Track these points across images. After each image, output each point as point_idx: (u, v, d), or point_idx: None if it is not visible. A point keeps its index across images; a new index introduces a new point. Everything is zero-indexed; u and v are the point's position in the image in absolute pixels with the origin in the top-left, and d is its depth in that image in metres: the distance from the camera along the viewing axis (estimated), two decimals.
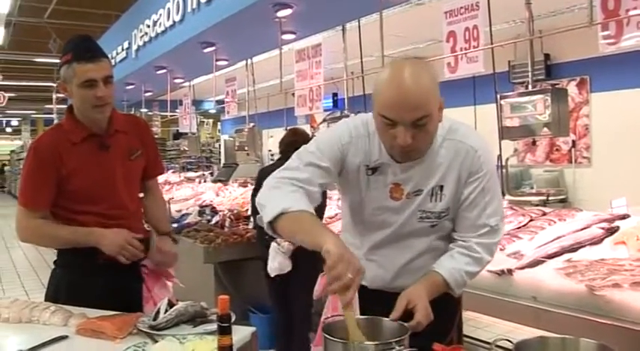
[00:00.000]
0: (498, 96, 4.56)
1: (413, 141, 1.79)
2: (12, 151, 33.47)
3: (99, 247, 2.48)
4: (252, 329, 2.02)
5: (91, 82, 2.45)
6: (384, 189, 1.99)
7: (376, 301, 1.94)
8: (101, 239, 2.48)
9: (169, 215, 5.91)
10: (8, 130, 37.32)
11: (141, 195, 2.84)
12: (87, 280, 2.52)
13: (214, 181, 9.76)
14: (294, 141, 4.72)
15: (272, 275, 4.51)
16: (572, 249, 3.32)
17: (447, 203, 1.97)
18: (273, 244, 4.46)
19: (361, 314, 1.86)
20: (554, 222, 3.86)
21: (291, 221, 1.80)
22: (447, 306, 2.08)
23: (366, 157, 1.99)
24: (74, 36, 2.60)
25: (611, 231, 3.43)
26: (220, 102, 9.94)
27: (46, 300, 2.53)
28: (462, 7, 4.94)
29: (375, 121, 1.87)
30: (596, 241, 3.35)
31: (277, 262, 4.46)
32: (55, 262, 2.66)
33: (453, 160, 1.96)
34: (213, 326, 1.93)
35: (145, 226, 2.89)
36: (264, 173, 4.86)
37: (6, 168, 35.34)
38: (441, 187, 1.96)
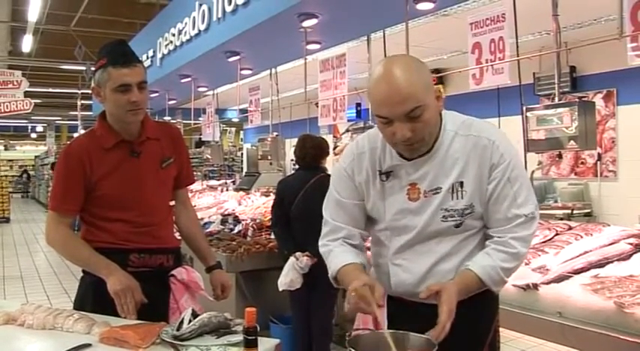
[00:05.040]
0: (524, 108, 4.51)
1: (412, 134, 1.81)
2: (36, 157, 33.86)
3: (106, 280, 2.42)
4: (276, 341, 2.00)
5: (125, 87, 2.46)
6: (400, 192, 1.99)
7: (403, 313, 1.93)
8: (111, 274, 2.43)
9: None
10: (33, 135, 37.74)
11: (172, 203, 2.83)
12: None
13: (236, 190, 9.77)
14: (308, 155, 4.75)
15: (280, 289, 4.50)
16: (600, 264, 3.26)
17: (469, 199, 1.93)
18: (292, 259, 4.46)
19: (389, 326, 1.85)
20: (581, 236, 3.80)
21: (341, 278, 2.03)
22: (479, 322, 2.06)
23: (377, 164, 2.03)
24: (109, 41, 2.60)
25: None
26: (244, 111, 9.98)
27: (74, 306, 2.54)
28: (487, 19, 4.93)
29: (376, 122, 1.90)
30: (625, 257, 3.28)
31: (289, 278, 4.44)
32: (83, 269, 2.65)
33: (470, 154, 1.92)
34: (237, 337, 1.93)
35: (176, 235, 2.89)
36: (284, 185, 4.88)
37: (30, 173, 35.72)
38: (461, 184, 1.92)
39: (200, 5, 8.21)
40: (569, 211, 7.92)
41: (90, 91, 2.69)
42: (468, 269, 1.92)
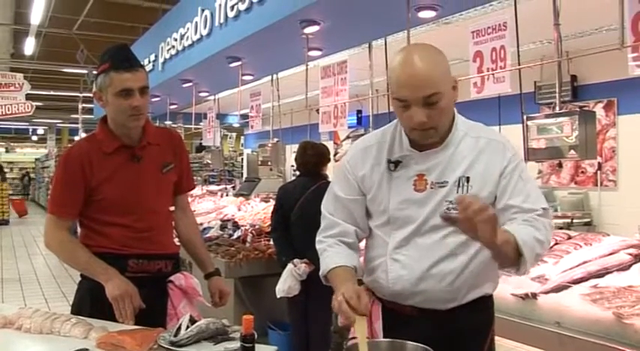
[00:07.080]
0: (525, 117, 4.51)
1: (428, 120, 1.88)
2: (37, 160, 33.86)
3: (104, 285, 2.42)
4: (273, 348, 1.99)
5: (127, 92, 2.46)
6: (407, 182, 2.01)
7: (397, 325, 1.92)
8: (110, 279, 2.43)
9: None
10: (34, 138, 37.77)
11: (171, 208, 2.83)
12: None
13: (236, 195, 9.77)
14: (309, 162, 4.74)
15: (278, 296, 4.50)
16: (599, 274, 3.25)
17: (474, 194, 1.93)
18: (290, 266, 4.45)
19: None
20: (580, 246, 3.79)
21: (331, 278, 2.05)
22: (476, 331, 2.05)
23: (387, 153, 2.07)
24: (112, 46, 2.60)
25: None
26: (245, 116, 9.98)
27: (72, 311, 2.54)
28: (488, 27, 4.92)
29: (394, 106, 1.97)
30: (624, 267, 3.28)
31: (287, 285, 4.44)
32: (81, 273, 2.64)
33: (480, 154, 1.99)
34: (234, 344, 1.92)
35: (175, 240, 2.89)
36: (284, 191, 4.87)
37: (31, 176, 35.70)
38: (467, 179, 1.96)
39: (202, 10, 8.22)
40: (569, 221, 7.90)
41: (91, 95, 2.69)
42: (504, 230, 1.79)
